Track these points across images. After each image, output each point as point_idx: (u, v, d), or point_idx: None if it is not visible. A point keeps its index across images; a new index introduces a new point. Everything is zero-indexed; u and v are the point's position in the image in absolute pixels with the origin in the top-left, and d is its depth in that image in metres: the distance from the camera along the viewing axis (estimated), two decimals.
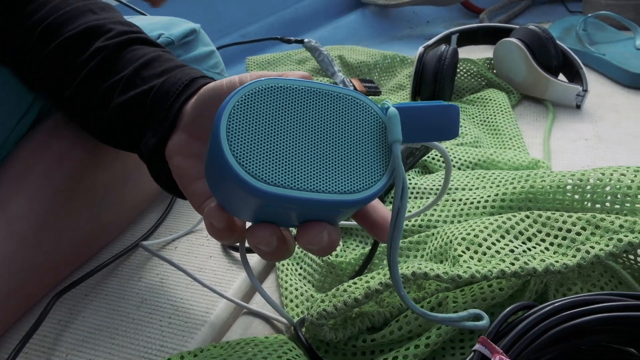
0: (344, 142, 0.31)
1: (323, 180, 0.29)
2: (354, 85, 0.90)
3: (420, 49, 0.88)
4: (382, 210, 0.36)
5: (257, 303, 0.52)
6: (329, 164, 0.30)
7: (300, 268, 0.53)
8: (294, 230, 0.42)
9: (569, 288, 0.46)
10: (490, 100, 0.85)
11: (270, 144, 0.29)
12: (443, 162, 0.67)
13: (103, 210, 0.60)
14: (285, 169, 0.29)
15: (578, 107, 0.85)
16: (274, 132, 0.29)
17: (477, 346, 0.35)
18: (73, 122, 0.57)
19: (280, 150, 0.29)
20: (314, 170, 0.29)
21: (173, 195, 0.47)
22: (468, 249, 0.43)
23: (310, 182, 0.29)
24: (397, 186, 0.31)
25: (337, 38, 1.35)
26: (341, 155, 0.30)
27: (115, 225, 0.64)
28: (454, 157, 0.67)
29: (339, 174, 0.30)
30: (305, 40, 0.97)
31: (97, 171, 0.59)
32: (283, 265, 0.53)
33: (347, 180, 0.30)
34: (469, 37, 0.97)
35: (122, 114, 0.46)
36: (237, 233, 0.36)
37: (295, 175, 0.29)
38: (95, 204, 0.59)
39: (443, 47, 0.85)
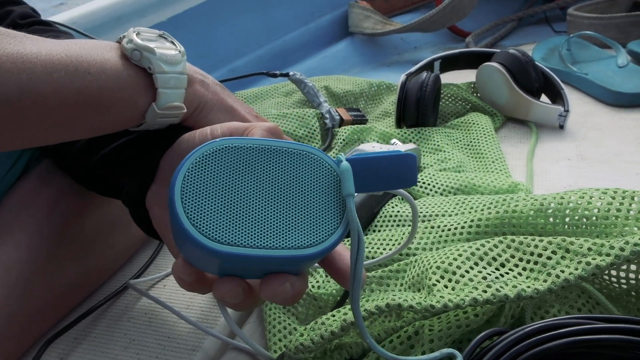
0: (299, 198, 0.32)
1: (277, 237, 0.31)
2: (340, 115, 0.92)
3: (402, 77, 0.89)
4: (346, 257, 0.37)
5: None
6: (284, 220, 0.31)
7: None
8: None
9: (546, 311, 0.46)
10: (474, 124, 0.86)
11: (225, 203, 0.30)
12: (425, 188, 0.68)
13: (92, 255, 0.61)
14: (240, 227, 0.30)
15: (561, 127, 0.86)
16: (229, 192, 0.31)
17: None
18: (60, 170, 0.59)
19: (234, 210, 0.30)
20: (268, 228, 0.31)
21: (155, 239, 0.49)
22: (442, 277, 0.43)
23: (265, 240, 0.30)
24: (352, 239, 0.32)
25: (326, 67, 1.37)
26: (296, 211, 0.32)
27: (105, 269, 0.64)
28: (437, 183, 0.68)
29: (293, 229, 0.31)
30: (291, 73, 0.99)
31: (86, 217, 0.60)
32: None
33: (302, 235, 0.31)
34: (451, 63, 0.99)
35: (106, 164, 0.48)
36: (207, 285, 0.37)
37: (249, 233, 0.30)
38: (85, 249, 0.60)
39: (424, 74, 0.86)
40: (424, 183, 0.69)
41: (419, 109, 0.84)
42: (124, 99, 0.41)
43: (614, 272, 0.45)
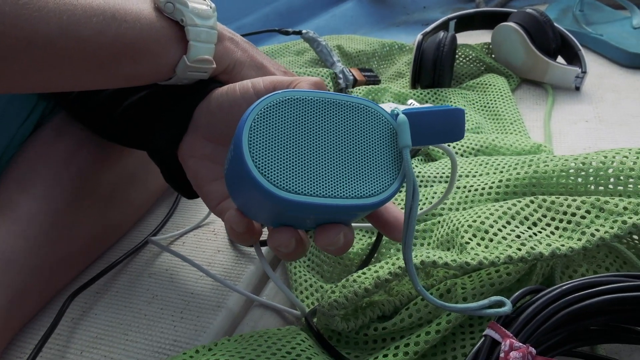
0: (358, 149, 0.32)
1: (340, 186, 0.31)
2: (353, 75, 0.91)
3: (419, 36, 0.88)
4: (394, 210, 0.37)
5: (268, 295, 0.52)
6: (345, 171, 0.32)
7: (309, 260, 0.54)
8: None
9: (574, 270, 0.46)
10: (490, 85, 0.85)
11: (289, 153, 0.31)
12: None
13: (110, 209, 0.61)
14: (305, 177, 0.30)
15: (577, 89, 0.85)
16: (292, 143, 0.31)
17: (487, 331, 0.36)
18: (77, 122, 0.58)
19: (298, 160, 0.31)
20: (331, 177, 0.31)
21: (182, 195, 0.48)
22: (475, 236, 0.43)
23: (329, 189, 0.31)
24: (408, 188, 0.33)
25: (334, 27, 1.35)
26: (356, 162, 0.32)
27: (123, 223, 0.64)
28: (457, 144, 0.67)
29: (354, 179, 0.32)
30: (304, 31, 0.97)
31: (103, 170, 0.59)
32: None
33: (363, 185, 0.32)
34: (466, 23, 0.97)
35: (134, 113, 0.47)
36: (256, 235, 0.38)
37: (314, 182, 0.31)
38: (103, 203, 0.59)
39: (441, 33, 0.85)
40: None
41: (435, 69, 0.83)
42: (157, 49, 0.41)
43: None
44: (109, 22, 0.38)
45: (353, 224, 0.56)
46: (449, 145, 0.67)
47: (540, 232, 0.43)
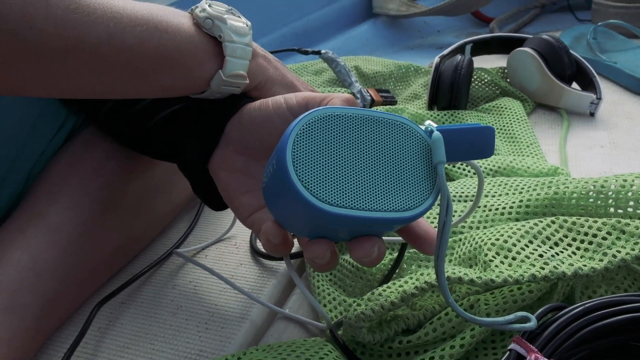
0: (394, 164, 0.34)
1: (379, 200, 0.32)
2: (371, 95, 0.92)
3: (437, 59, 0.90)
4: (424, 224, 0.39)
5: (291, 308, 0.53)
6: (383, 185, 0.33)
7: (331, 274, 0.55)
8: None
9: (594, 290, 0.47)
10: (506, 108, 0.87)
11: (331, 168, 0.32)
12: (464, 170, 0.69)
13: (135, 219, 0.62)
14: (346, 190, 0.32)
15: (592, 114, 0.86)
16: (333, 158, 0.32)
17: (512, 345, 0.37)
18: (106, 135, 0.60)
19: (339, 174, 0.32)
20: (370, 191, 0.32)
21: (210, 207, 0.50)
22: (498, 254, 0.45)
23: (368, 202, 0.32)
24: (442, 203, 0.34)
25: (349, 48, 1.37)
26: (393, 176, 0.33)
27: (147, 234, 0.66)
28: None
29: (392, 193, 0.33)
30: (323, 51, 0.99)
31: (129, 181, 0.61)
32: (314, 271, 0.55)
33: (400, 199, 0.33)
34: (482, 47, 0.99)
35: (166, 126, 0.49)
36: (289, 247, 0.39)
37: (354, 195, 0.32)
38: (128, 213, 0.61)
39: (459, 57, 0.87)
40: (460, 165, 0.70)
41: (452, 91, 0.85)
42: (194, 62, 0.43)
43: None
44: (151, 32, 0.40)
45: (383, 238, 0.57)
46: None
47: (562, 252, 0.44)
